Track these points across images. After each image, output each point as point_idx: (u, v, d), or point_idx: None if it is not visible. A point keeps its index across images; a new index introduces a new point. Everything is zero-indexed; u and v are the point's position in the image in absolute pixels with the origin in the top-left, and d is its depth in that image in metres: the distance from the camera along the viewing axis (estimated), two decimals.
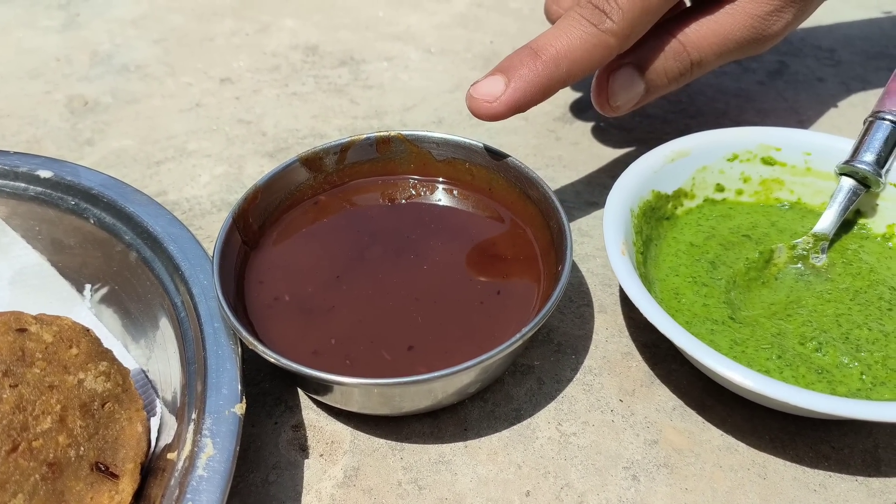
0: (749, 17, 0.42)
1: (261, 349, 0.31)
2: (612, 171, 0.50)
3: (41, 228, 0.41)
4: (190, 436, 0.30)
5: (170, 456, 0.30)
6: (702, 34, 0.42)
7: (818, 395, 0.29)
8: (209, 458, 0.28)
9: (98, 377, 0.31)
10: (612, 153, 0.52)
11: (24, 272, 0.41)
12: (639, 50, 0.43)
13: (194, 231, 0.46)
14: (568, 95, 0.58)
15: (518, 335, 0.31)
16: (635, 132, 0.55)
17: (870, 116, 0.41)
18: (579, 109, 0.57)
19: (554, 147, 0.53)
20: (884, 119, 0.40)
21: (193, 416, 0.30)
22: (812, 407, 0.29)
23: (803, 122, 0.56)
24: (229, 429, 0.30)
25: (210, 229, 0.47)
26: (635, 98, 0.43)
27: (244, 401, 0.31)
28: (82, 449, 0.29)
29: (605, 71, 0.43)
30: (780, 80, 0.60)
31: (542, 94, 0.37)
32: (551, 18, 0.47)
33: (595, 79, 0.44)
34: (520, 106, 0.36)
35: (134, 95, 0.59)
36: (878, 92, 0.49)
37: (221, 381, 0.31)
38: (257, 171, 0.51)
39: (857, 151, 0.40)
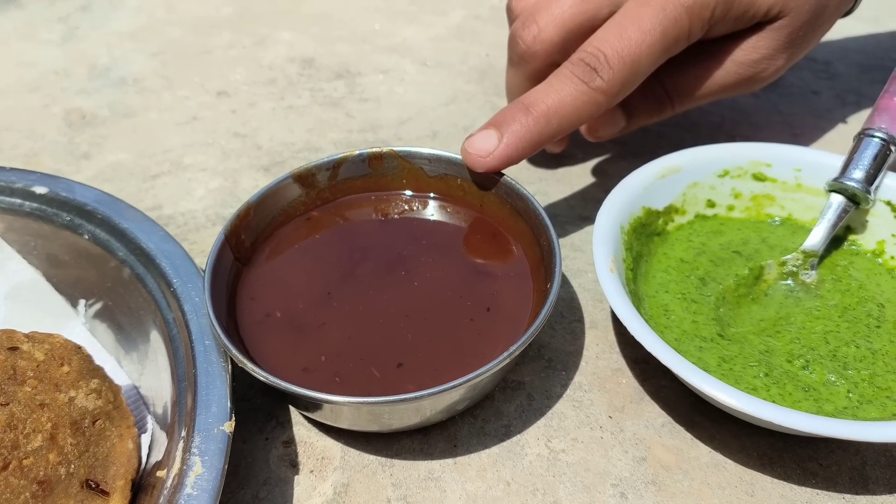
0: (738, 65, 0.43)
1: (250, 367, 0.31)
2: (606, 186, 0.50)
3: (37, 244, 0.41)
4: (179, 453, 0.30)
5: (159, 473, 0.30)
6: (687, 82, 0.44)
7: (802, 415, 0.29)
8: (197, 477, 0.29)
9: (89, 395, 0.31)
10: (606, 167, 0.53)
11: (20, 287, 0.41)
12: None
13: (189, 245, 0.47)
14: None
15: (505, 354, 0.31)
16: (630, 146, 0.55)
17: (860, 133, 0.41)
18: None
19: (548, 161, 0.53)
20: (873, 136, 0.40)
21: (183, 433, 0.31)
22: (795, 426, 0.29)
23: (798, 135, 0.56)
24: (218, 447, 0.30)
25: (205, 244, 0.47)
26: (617, 130, 0.46)
27: (233, 419, 0.31)
28: (73, 466, 0.30)
29: None
30: (774, 93, 0.61)
31: (533, 148, 0.38)
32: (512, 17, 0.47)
33: None
34: (512, 160, 0.38)
35: (131, 109, 0.60)
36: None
37: (211, 399, 0.31)
38: (252, 185, 0.51)
39: (846, 168, 0.40)
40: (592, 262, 0.44)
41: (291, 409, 0.38)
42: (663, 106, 0.46)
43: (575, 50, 0.41)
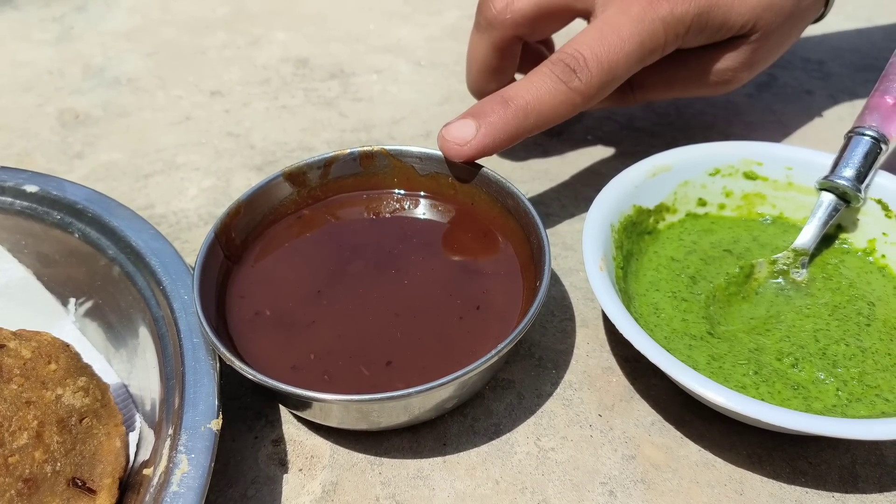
0: (704, 74, 0.45)
1: (238, 365, 0.31)
2: (598, 185, 0.50)
3: (27, 242, 0.41)
4: (166, 451, 0.30)
5: (145, 471, 0.30)
6: (652, 81, 0.47)
7: (791, 413, 0.29)
8: (184, 475, 0.29)
9: (76, 392, 0.31)
10: (599, 167, 0.53)
11: (10, 286, 0.41)
12: None
13: (181, 244, 0.47)
14: None
15: (494, 351, 0.31)
16: (623, 146, 0.55)
17: (850, 132, 0.41)
18: (567, 123, 0.57)
19: (541, 160, 0.53)
20: (863, 134, 0.40)
21: (170, 431, 0.31)
22: (784, 424, 0.29)
23: (791, 135, 0.56)
24: (205, 445, 0.30)
25: (197, 243, 0.47)
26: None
27: (221, 416, 0.31)
28: (59, 464, 0.30)
29: None
30: (768, 92, 0.61)
31: (509, 140, 0.39)
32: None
33: None
34: (488, 151, 0.39)
35: (125, 108, 0.60)
36: None
37: (198, 397, 0.31)
38: (245, 184, 0.51)
39: (836, 166, 0.40)
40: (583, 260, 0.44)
41: (281, 407, 0.37)
42: (625, 96, 0.48)
43: (544, 27, 0.44)
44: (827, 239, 0.41)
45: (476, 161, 0.40)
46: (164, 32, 0.71)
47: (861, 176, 0.39)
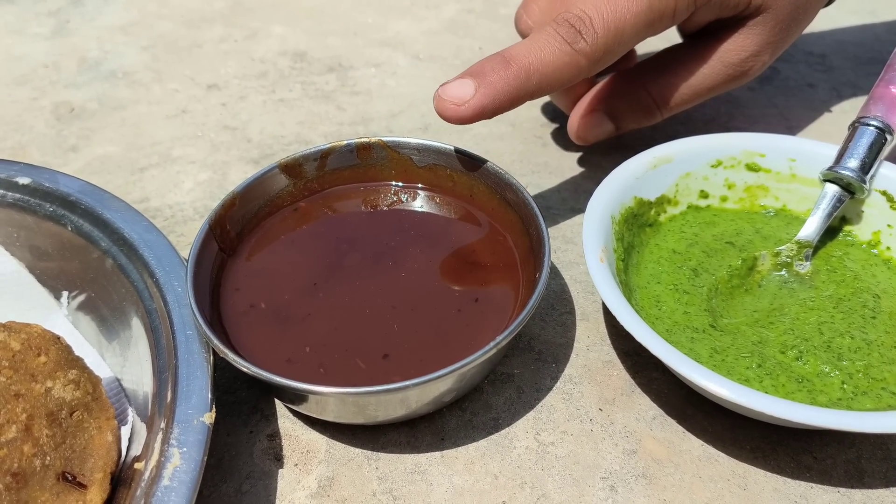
0: (724, 66, 0.43)
1: (231, 357, 0.31)
2: (598, 178, 0.49)
3: (19, 235, 0.41)
4: (157, 445, 0.29)
5: (137, 465, 0.30)
6: (673, 87, 0.44)
7: (795, 405, 0.28)
8: (175, 469, 0.28)
9: (67, 385, 0.31)
10: (599, 160, 0.52)
11: (2, 279, 0.40)
12: (611, 99, 0.46)
13: (176, 238, 0.46)
14: None
15: (492, 344, 0.31)
16: (623, 139, 0.54)
17: (855, 122, 0.40)
18: (566, 116, 0.56)
19: (541, 153, 0.53)
20: (868, 125, 0.39)
21: (162, 425, 0.30)
22: (788, 417, 0.28)
23: (793, 128, 0.55)
24: (197, 438, 0.29)
25: (192, 236, 0.46)
26: (605, 135, 0.47)
27: (213, 410, 0.30)
28: (48, 458, 0.29)
29: (577, 115, 0.47)
30: (770, 85, 0.60)
31: (509, 102, 0.37)
32: (521, 31, 0.48)
33: (569, 118, 0.48)
34: (486, 112, 0.36)
35: (120, 102, 0.59)
36: None
37: (191, 390, 0.31)
38: (241, 177, 0.51)
39: (841, 157, 0.39)
40: (584, 253, 0.44)
41: (277, 402, 0.37)
42: (651, 113, 0.46)
43: None
44: (831, 231, 0.41)
45: (474, 157, 0.40)
46: (161, 26, 0.70)
47: (866, 167, 0.39)
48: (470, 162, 0.40)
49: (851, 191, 0.39)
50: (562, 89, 0.39)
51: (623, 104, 0.46)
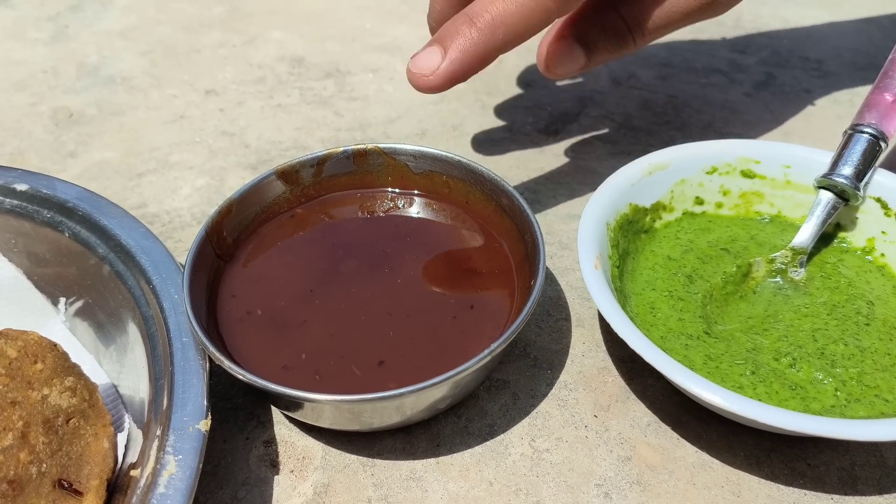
0: (704, 7, 0.41)
1: (227, 364, 0.31)
2: (595, 184, 0.49)
3: (17, 241, 0.41)
4: (153, 452, 0.29)
5: (133, 473, 0.30)
6: (647, 11, 0.41)
7: (788, 413, 0.29)
8: (171, 476, 0.28)
9: (63, 392, 0.31)
10: (595, 166, 0.52)
11: (0, 285, 0.40)
12: (581, 24, 0.43)
13: (174, 244, 0.46)
14: (552, 107, 0.58)
15: (487, 350, 0.31)
16: (620, 144, 0.54)
17: (849, 129, 0.40)
18: (564, 122, 0.57)
19: (537, 159, 0.53)
20: (862, 132, 0.39)
21: (158, 432, 0.30)
22: (782, 425, 0.28)
23: (789, 134, 0.55)
24: (193, 445, 0.29)
25: (189, 242, 0.46)
26: (577, 67, 0.43)
27: (209, 417, 0.30)
28: (45, 465, 0.29)
29: (545, 42, 0.43)
30: (766, 91, 0.60)
31: (479, 63, 0.36)
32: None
33: (538, 48, 0.44)
34: (457, 77, 0.35)
35: (119, 107, 0.59)
36: None
37: (187, 397, 0.31)
38: (239, 183, 0.51)
39: (835, 164, 0.39)
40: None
41: (273, 408, 0.37)
42: (624, 39, 0.43)
43: None
44: (825, 238, 0.41)
45: (470, 164, 0.40)
46: (160, 31, 0.70)
47: (860, 174, 0.39)
48: (466, 168, 0.40)
49: (846, 198, 0.40)
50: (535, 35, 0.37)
51: (595, 29, 0.42)
